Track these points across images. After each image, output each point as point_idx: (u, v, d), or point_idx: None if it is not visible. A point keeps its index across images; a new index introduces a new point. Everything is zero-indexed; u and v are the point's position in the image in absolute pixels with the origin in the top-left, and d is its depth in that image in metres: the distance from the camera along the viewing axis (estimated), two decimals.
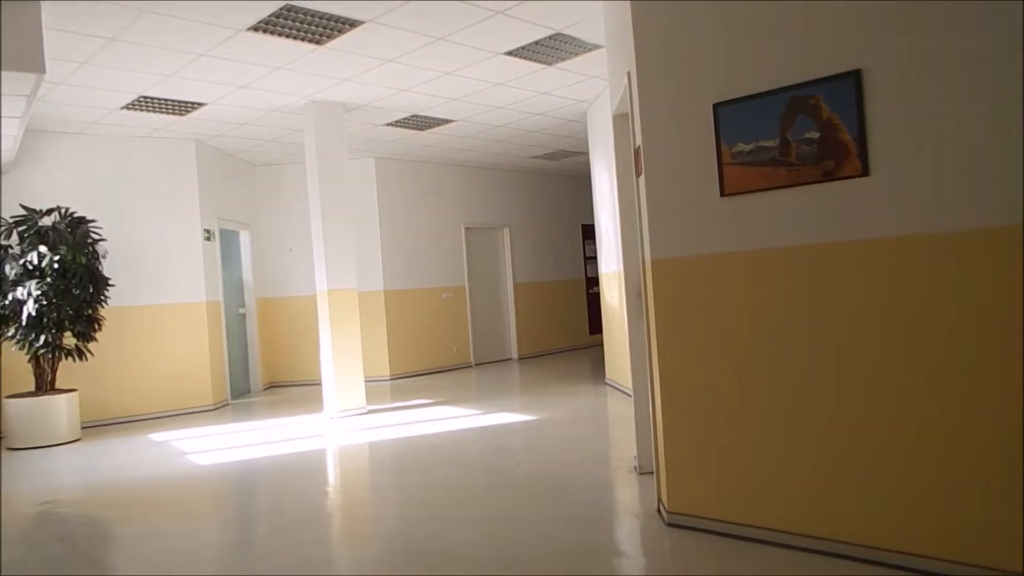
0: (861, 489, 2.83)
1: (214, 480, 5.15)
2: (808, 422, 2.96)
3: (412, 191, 10.53)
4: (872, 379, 2.78)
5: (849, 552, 2.85)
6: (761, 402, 3.09)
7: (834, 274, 2.86)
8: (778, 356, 3.03)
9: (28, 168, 7.37)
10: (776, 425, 3.05)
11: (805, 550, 2.97)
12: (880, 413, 2.77)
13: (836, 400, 2.88)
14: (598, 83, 7.13)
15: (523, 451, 5.35)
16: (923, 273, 2.65)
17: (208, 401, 8.19)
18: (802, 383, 2.97)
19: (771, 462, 3.07)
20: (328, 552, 3.56)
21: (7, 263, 6.60)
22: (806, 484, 2.97)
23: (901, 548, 2.73)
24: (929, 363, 2.65)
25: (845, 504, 2.87)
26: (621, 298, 7.26)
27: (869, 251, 2.77)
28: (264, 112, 7.38)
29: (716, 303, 3.22)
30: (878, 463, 2.78)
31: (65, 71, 5.72)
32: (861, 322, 2.80)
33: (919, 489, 2.68)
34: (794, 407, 3.00)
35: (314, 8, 4.92)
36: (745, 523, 3.15)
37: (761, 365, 3.08)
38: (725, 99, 3.13)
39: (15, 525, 4.29)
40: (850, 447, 2.85)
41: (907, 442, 2.71)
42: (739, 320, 3.15)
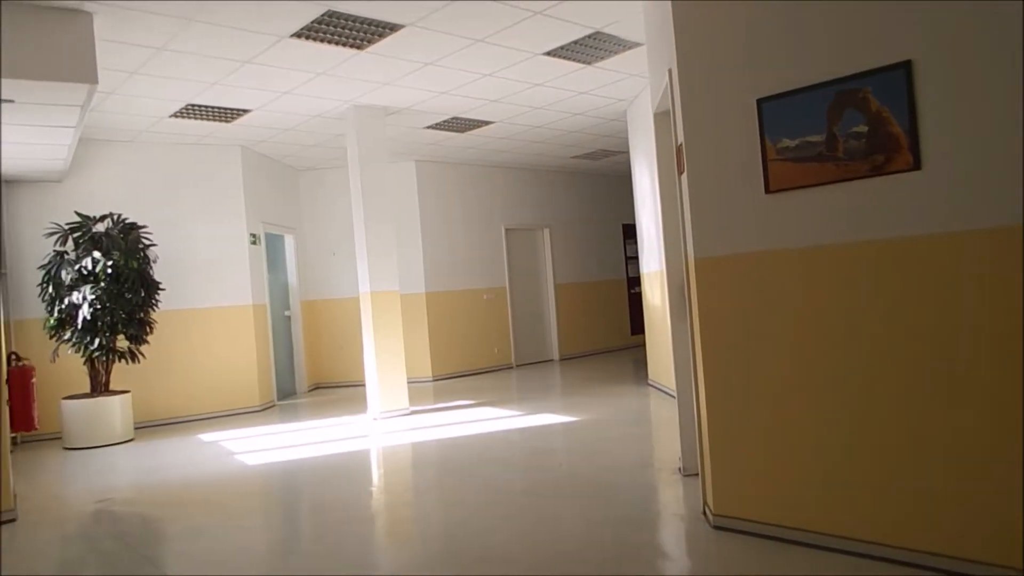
0: (914, 493, 2.75)
1: (261, 480, 5.23)
2: (858, 424, 2.89)
3: (452, 193, 10.58)
4: (925, 381, 2.71)
5: (902, 557, 2.78)
6: (808, 403, 3.03)
7: (885, 272, 2.79)
8: (827, 356, 2.97)
9: (82, 176, 7.60)
10: (825, 427, 2.98)
11: (854, 554, 2.90)
12: (935, 416, 2.69)
13: (887, 402, 2.81)
14: (638, 81, 7.08)
15: (565, 452, 5.33)
16: (978, 271, 2.57)
17: (255, 402, 8.34)
18: (850, 384, 2.90)
19: (819, 465, 3.00)
20: (372, 552, 3.60)
21: (63, 268, 6.81)
22: (855, 487, 2.90)
23: (955, 553, 2.64)
24: (985, 365, 2.56)
25: (897, 508, 2.79)
26: (663, 298, 7.20)
27: (921, 247, 2.69)
28: (307, 117, 7.49)
29: (761, 302, 3.17)
30: (932, 467, 2.70)
31: (116, 81, 5.88)
32: (913, 321, 2.72)
33: (976, 494, 2.60)
34: (842, 408, 2.93)
35: (355, 13, 4.98)
36: (793, 526, 3.09)
37: (809, 365, 3.02)
38: (769, 94, 3.08)
39: (73, 522, 4.42)
40: (903, 450, 2.77)
41: (964, 445, 2.63)
42: (785, 319, 3.09)
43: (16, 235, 7.33)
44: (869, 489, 2.86)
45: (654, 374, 8.04)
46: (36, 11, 4.54)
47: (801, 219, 3.01)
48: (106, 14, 4.68)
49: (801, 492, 3.06)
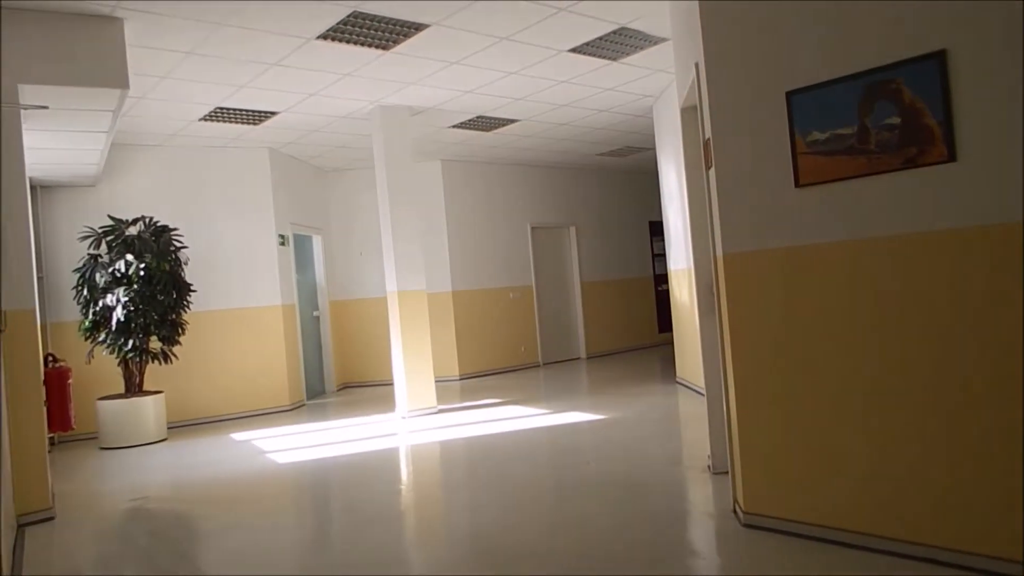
0: (950, 492, 2.69)
1: (292, 478, 5.29)
2: (890, 421, 2.84)
3: (478, 192, 10.60)
4: (962, 378, 2.65)
5: (937, 556, 2.72)
6: (840, 400, 2.98)
7: (918, 266, 2.74)
8: (859, 353, 2.92)
9: (114, 180, 7.73)
10: (857, 424, 2.94)
11: (888, 553, 2.85)
12: (971, 413, 2.64)
13: (920, 399, 2.75)
14: (664, 77, 7.03)
15: (593, 450, 5.32)
16: (1016, 265, 2.51)
17: (285, 402, 8.42)
18: (884, 381, 2.85)
19: (853, 462, 2.96)
20: (401, 550, 3.61)
21: (97, 271, 6.93)
22: (890, 485, 2.85)
23: (991, 552, 2.59)
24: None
25: (932, 506, 2.74)
26: (691, 295, 7.14)
27: (956, 241, 2.64)
28: (333, 119, 7.55)
29: (792, 298, 3.13)
30: (969, 465, 2.65)
31: (147, 85, 5.97)
32: (948, 317, 2.67)
33: (1014, 493, 2.54)
34: (875, 405, 2.88)
35: (381, 14, 5.00)
36: (825, 525, 3.04)
37: (841, 362, 2.98)
38: (798, 87, 3.04)
39: (109, 520, 4.50)
40: (938, 447, 2.72)
41: (1002, 444, 2.57)
42: (816, 315, 3.05)
43: (52, 239, 7.48)
44: (904, 487, 2.82)
45: (682, 372, 7.99)
46: (68, 18, 4.63)
47: (832, 213, 2.97)
48: (137, 20, 4.75)
49: (834, 490, 3.02)
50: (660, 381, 8.46)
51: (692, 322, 6.92)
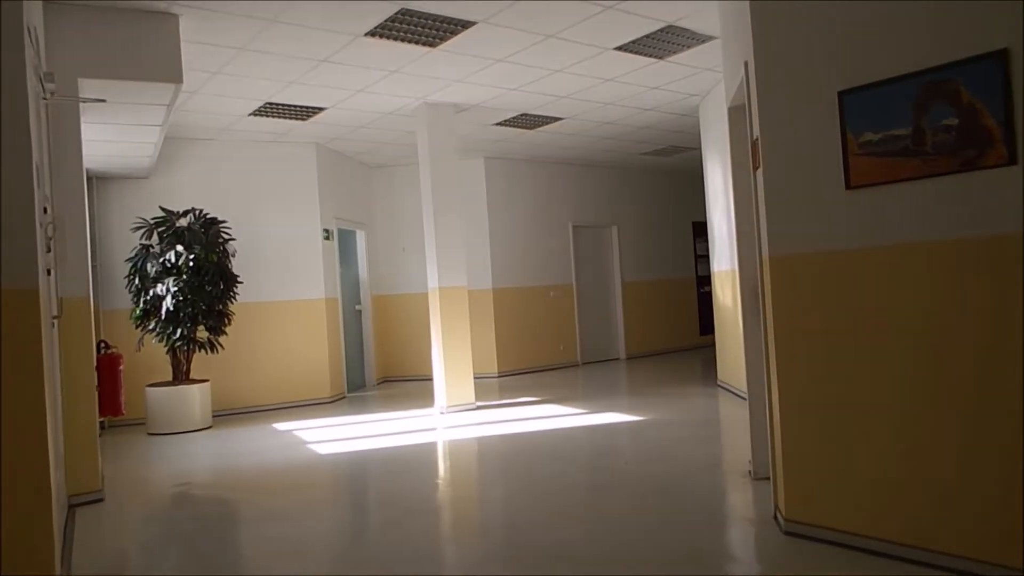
0: (1000, 506, 2.61)
1: (332, 469, 5.36)
2: (940, 430, 2.76)
3: (520, 190, 10.60)
4: (1016, 386, 2.56)
5: (985, 572, 2.64)
6: (889, 407, 2.91)
7: (974, 271, 2.66)
8: (909, 359, 2.85)
9: (167, 172, 7.92)
10: (905, 432, 2.86)
11: (932, 567, 2.76)
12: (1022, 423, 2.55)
13: (973, 408, 2.67)
14: (711, 76, 6.94)
15: (631, 451, 5.28)
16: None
17: (326, 394, 8.54)
18: (935, 389, 2.77)
19: (900, 472, 2.88)
20: (437, 543, 3.64)
21: (149, 261, 7.11)
22: (937, 496, 2.77)
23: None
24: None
25: (980, 520, 2.66)
26: (735, 297, 7.05)
27: (1016, 246, 2.55)
28: (379, 115, 7.62)
29: (840, 302, 3.06)
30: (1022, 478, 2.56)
31: (199, 80, 6.10)
32: (1006, 322, 2.59)
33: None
34: (924, 414, 2.80)
35: (428, 11, 5.03)
36: (870, 535, 2.97)
37: (891, 368, 2.90)
38: (851, 86, 2.97)
39: (155, 504, 4.62)
40: (990, 461, 2.64)
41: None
42: (865, 320, 2.98)
43: (106, 229, 7.69)
44: (952, 499, 2.74)
45: (724, 375, 7.89)
46: (127, 14, 4.75)
47: (884, 216, 2.90)
48: (192, 16, 4.86)
49: (879, 500, 2.95)
50: (701, 383, 8.37)
51: (735, 324, 6.83)
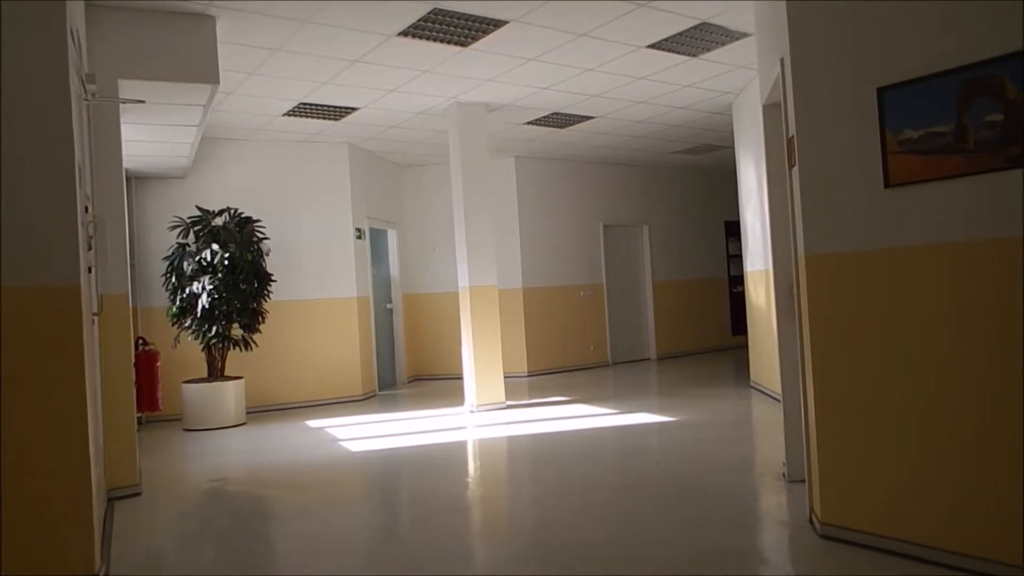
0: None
1: (363, 466, 5.40)
2: (985, 433, 2.70)
3: (551, 189, 10.58)
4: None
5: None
6: (931, 410, 2.85)
7: (1020, 271, 2.59)
8: (953, 361, 2.78)
9: (202, 172, 8.05)
10: (949, 436, 2.80)
11: (976, 573, 2.70)
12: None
13: (1015, 411, 2.60)
14: (745, 73, 6.86)
15: (662, 452, 5.24)
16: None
17: (357, 391, 8.60)
18: (978, 391, 2.71)
19: (941, 476, 2.82)
20: (466, 542, 3.64)
21: (185, 260, 7.23)
22: (978, 500, 2.71)
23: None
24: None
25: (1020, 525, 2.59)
26: (769, 297, 6.96)
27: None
28: (411, 115, 7.66)
29: (879, 302, 3.00)
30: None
31: (235, 81, 6.18)
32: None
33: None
34: (969, 417, 2.74)
35: (460, 10, 5.04)
36: (909, 540, 2.91)
37: (932, 370, 2.84)
38: (890, 83, 2.91)
39: (191, 499, 4.70)
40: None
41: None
42: (905, 320, 2.92)
43: (143, 228, 7.84)
44: (993, 503, 2.67)
45: (756, 376, 7.79)
46: (164, 16, 4.84)
47: (924, 215, 2.84)
48: (228, 17, 4.93)
49: (919, 504, 2.89)
50: (733, 384, 8.28)
51: (769, 325, 6.74)
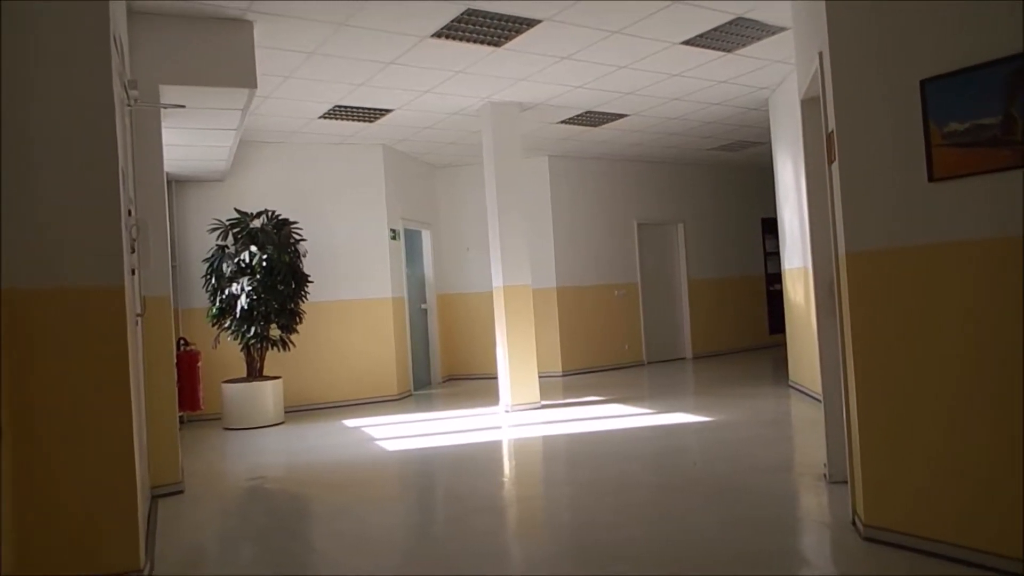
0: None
1: (399, 466, 5.43)
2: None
3: (584, 188, 10.54)
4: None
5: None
6: (978, 410, 2.77)
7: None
8: (996, 360, 2.71)
9: (240, 175, 8.17)
10: (997, 437, 2.72)
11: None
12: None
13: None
14: (782, 68, 6.76)
15: (699, 452, 5.19)
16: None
17: (393, 391, 8.67)
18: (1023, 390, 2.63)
19: (991, 478, 2.74)
20: (502, 541, 3.64)
21: (224, 261, 7.35)
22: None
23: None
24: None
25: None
26: (808, 295, 6.85)
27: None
28: (445, 115, 7.69)
29: (923, 299, 2.94)
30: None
31: (272, 85, 6.27)
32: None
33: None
34: (1013, 416, 2.66)
35: (493, 10, 5.05)
36: (957, 543, 2.84)
37: (979, 369, 2.77)
38: (934, 74, 2.84)
39: (231, 497, 4.77)
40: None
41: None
42: (950, 318, 2.85)
43: (184, 231, 7.98)
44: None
45: (795, 375, 7.68)
46: (203, 21, 4.92)
47: (970, 209, 2.76)
48: (265, 22, 5.00)
49: (965, 505, 2.82)
50: (771, 384, 8.17)
51: (808, 323, 6.64)
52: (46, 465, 2.88)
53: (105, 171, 3.05)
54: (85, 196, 3.00)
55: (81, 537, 2.93)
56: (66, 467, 2.91)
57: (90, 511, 2.95)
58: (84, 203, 3.00)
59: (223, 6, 4.76)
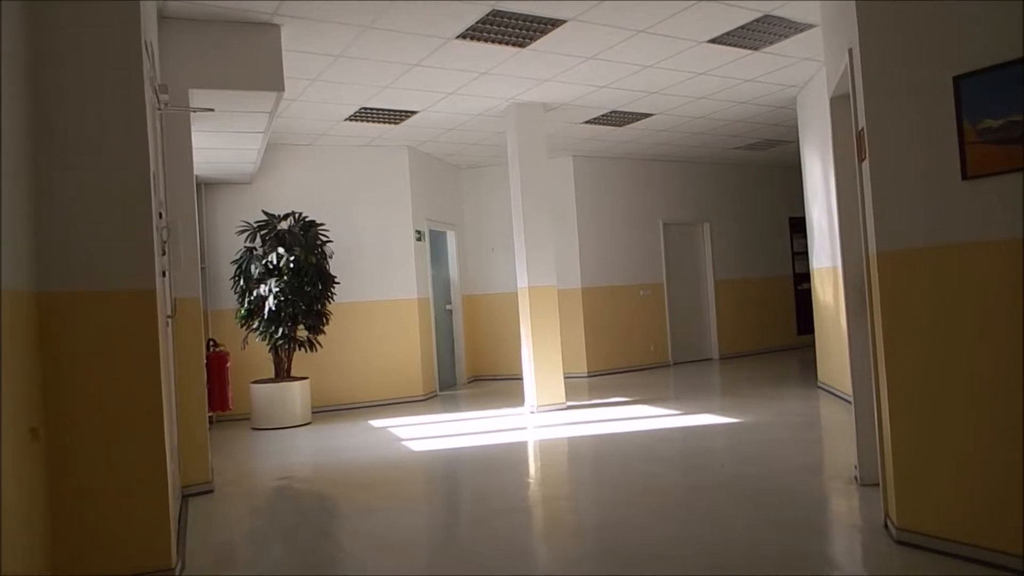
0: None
1: (426, 466, 5.45)
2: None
3: (609, 188, 10.51)
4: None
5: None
6: (1010, 411, 2.72)
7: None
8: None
9: (268, 178, 8.26)
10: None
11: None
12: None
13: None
14: (810, 65, 6.69)
15: (727, 454, 5.15)
16: None
17: (419, 392, 8.70)
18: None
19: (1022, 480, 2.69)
20: (529, 542, 3.64)
21: (252, 263, 7.43)
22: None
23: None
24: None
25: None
26: (837, 295, 6.77)
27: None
28: (469, 117, 7.71)
29: (955, 298, 2.88)
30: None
31: (299, 88, 6.32)
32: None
33: None
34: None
35: (518, 11, 5.05)
36: (993, 548, 2.78)
37: (1009, 369, 2.71)
38: (968, 70, 2.79)
39: (260, 496, 4.82)
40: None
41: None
42: (984, 318, 2.79)
43: (213, 233, 8.08)
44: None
45: (824, 376, 7.58)
46: (232, 26, 4.98)
47: (1005, 207, 2.71)
48: (293, 25, 5.04)
49: (1005, 509, 2.76)
50: (799, 385, 8.08)
51: (838, 323, 6.56)
52: (79, 465, 2.93)
53: (136, 174, 3.10)
54: (117, 199, 3.05)
55: (113, 537, 2.98)
56: (99, 467, 2.96)
57: (122, 511, 3.00)
58: (116, 206, 3.05)
59: (251, 10, 4.81)
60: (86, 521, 2.92)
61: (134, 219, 3.09)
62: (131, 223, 3.08)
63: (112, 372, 3.00)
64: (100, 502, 2.96)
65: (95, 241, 3.01)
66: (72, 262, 2.96)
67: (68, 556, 2.88)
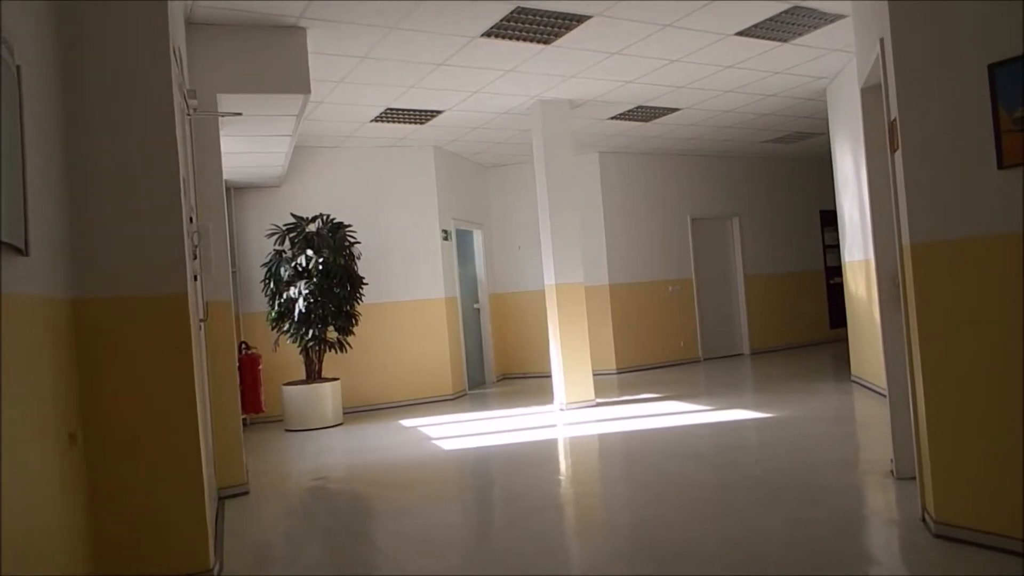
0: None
1: (457, 465, 5.47)
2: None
3: (636, 184, 10.45)
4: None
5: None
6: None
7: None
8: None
9: (296, 180, 8.34)
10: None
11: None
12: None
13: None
14: (840, 57, 6.58)
15: (760, 450, 5.09)
16: None
17: (448, 391, 8.73)
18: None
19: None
20: (562, 540, 3.64)
21: (282, 266, 7.50)
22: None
23: None
24: None
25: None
26: (870, 288, 6.66)
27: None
28: (495, 115, 7.71)
29: (991, 290, 2.82)
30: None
31: (325, 90, 6.37)
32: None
33: None
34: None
35: (543, 8, 5.04)
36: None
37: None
38: (1003, 58, 2.72)
39: (295, 497, 4.87)
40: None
41: None
42: (1018, 309, 2.73)
43: (243, 236, 8.18)
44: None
45: (858, 370, 7.47)
46: (258, 30, 5.03)
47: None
48: (318, 28, 5.08)
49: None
50: (832, 379, 7.97)
51: (871, 317, 6.45)
52: (118, 469, 2.98)
53: (167, 180, 3.15)
54: (148, 206, 3.09)
55: (152, 538, 3.02)
56: (136, 470, 3.01)
57: (160, 513, 3.04)
58: (147, 212, 3.09)
59: (277, 14, 4.86)
60: (125, 524, 2.98)
61: (165, 225, 3.13)
62: (162, 229, 3.12)
63: (146, 376, 3.05)
64: (138, 505, 3.01)
65: (127, 247, 3.05)
66: (105, 269, 3.01)
67: (108, 558, 2.94)
